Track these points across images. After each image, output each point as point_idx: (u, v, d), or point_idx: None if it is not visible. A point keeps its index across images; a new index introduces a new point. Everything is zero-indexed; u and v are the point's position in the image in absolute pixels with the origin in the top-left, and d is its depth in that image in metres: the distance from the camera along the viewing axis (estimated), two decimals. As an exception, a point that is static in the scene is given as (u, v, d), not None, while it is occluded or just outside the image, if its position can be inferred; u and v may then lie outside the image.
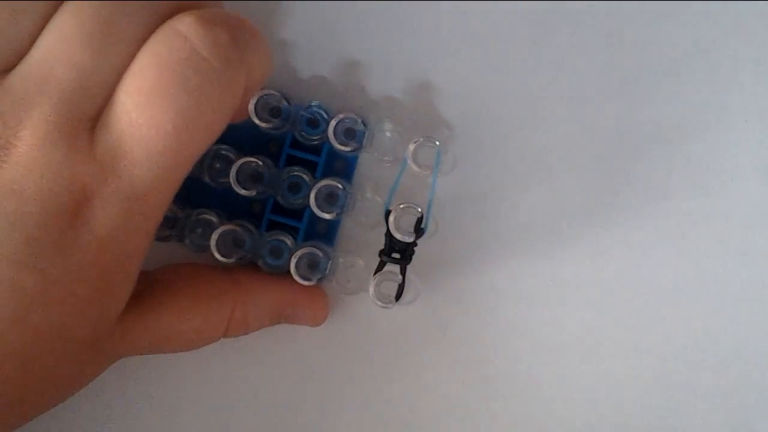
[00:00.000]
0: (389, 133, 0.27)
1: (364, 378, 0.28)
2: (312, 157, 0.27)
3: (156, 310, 0.24)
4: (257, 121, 0.26)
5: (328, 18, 0.28)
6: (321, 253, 0.26)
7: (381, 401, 0.28)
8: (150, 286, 0.24)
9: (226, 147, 0.26)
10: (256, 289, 0.26)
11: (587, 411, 0.28)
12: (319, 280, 0.26)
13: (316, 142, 0.27)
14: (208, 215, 0.27)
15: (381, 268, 0.26)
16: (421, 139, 0.26)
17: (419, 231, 0.25)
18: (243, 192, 0.26)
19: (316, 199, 0.26)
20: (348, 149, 0.26)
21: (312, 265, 0.26)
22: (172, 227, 0.26)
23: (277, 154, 0.27)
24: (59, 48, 0.19)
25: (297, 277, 0.26)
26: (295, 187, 0.26)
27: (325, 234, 0.28)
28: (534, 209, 0.28)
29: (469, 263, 0.28)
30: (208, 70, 0.20)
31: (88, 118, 0.20)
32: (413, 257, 0.26)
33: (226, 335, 0.26)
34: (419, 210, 0.25)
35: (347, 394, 0.28)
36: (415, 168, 0.26)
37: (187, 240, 0.27)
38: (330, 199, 0.26)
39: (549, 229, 0.28)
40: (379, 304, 0.26)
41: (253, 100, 0.26)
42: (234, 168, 0.26)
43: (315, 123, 0.27)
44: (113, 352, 0.23)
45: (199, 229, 0.27)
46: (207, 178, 0.26)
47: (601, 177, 0.28)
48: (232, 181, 0.26)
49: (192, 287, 0.25)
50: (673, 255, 0.28)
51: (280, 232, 0.27)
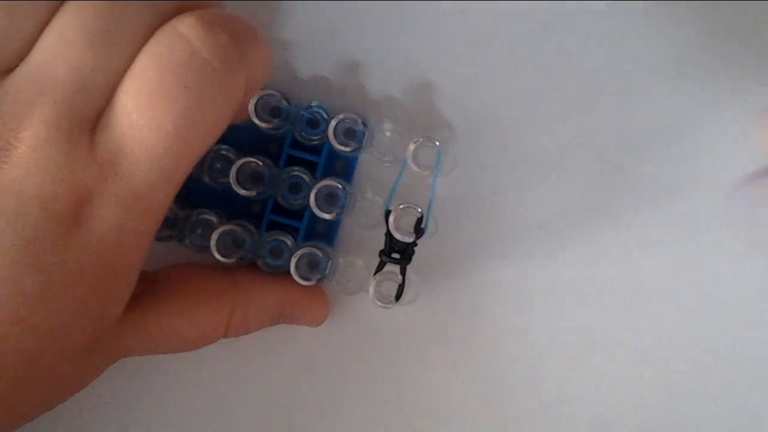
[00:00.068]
0: (389, 133, 0.27)
1: (364, 378, 0.28)
2: (312, 157, 0.27)
3: (156, 310, 0.24)
4: (257, 121, 0.26)
5: (328, 18, 0.28)
6: (321, 253, 0.26)
7: (381, 401, 0.28)
8: (150, 286, 0.24)
9: (226, 147, 0.26)
10: (256, 290, 0.26)
11: (587, 411, 0.28)
12: (319, 280, 0.26)
13: (316, 142, 0.27)
14: (208, 215, 0.27)
15: (381, 268, 0.26)
16: (421, 139, 0.26)
17: (419, 231, 0.25)
18: (243, 192, 0.26)
19: (316, 199, 0.26)
20: (348, 149, 0.26)
21: (312, 265, 0.26)
22: (172, 227, 0.26)
23: (277, 154, 0.27)
24: (60, 49, 0.19)
25: (297, 277, 0.26)
26: (295, 187, 0.26)
27: (325, 234, 0.28)
28: (534, 209, 0.28)
29: (469, 263, 0.28)
30: (208, 71, 0.20)
31: (88, 119, 0.19)
32: (413, 257, 0.26)
33: (226, 335, 0.26)
34: (419, 210, 0.25)
35: (347, 394, 0.28)
36: (415, 168, 0.26)
37: (187, 240, 0.27)
38: (330, 199, 0.26)
39: (549, 230, 0.28)
40: (379, 304, 0.26)
41: (253, 100, 0.25)
42: (234, 168, 0.26)
43: (315, 123, 0.27)
44: (113, 352, 0.23)
45: (199, 229, 0.27)
46: (207, 178, 0.26)
47: (601, 177, 0.28)
48: (232, 181, 0.26)
49: (192, 287, 0.25)
50: (673, 255, 0.28)
51: (280, 232, 0.27)
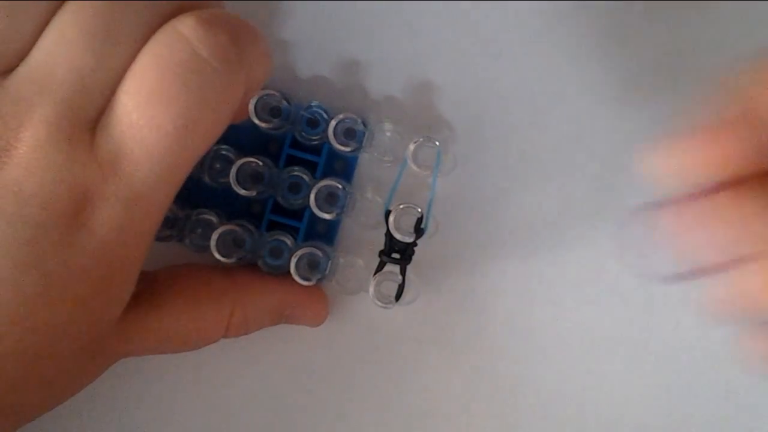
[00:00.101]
0: (389, 133, 0.27)
1: (364, 378, 0.28)
2: (312, 157, 0.27)
3: (156, 310, 0.24)
4: (257, 121, 0.26)
5: (328, 18, 0.28)
6: (321, 253, 0.26)
7: (381, 401, 0.28)
8: (150, 286, 0.24)
9: (226, 147, 0.26)
10: (256, 290, 0.26)
11: (588, 410, 0.28)
12: (319, 280, 0.26)
13: (316, 142, 0.27)
14: (208, 215, 0.27)
15: (381, 268, 0.26)
16: (421, 139, 0.26)
17: (419, 231, 0.25)
18: (243, 192, 0.26)
19: (316, 200, 0.26)
20: (348, 149, 0.26)
21: (312, 265, 0.26)
22: (172, 227, 0.26)
23: (277, 154, 0.27)
24: (60, 49, 0.19)
25: (297, 277, 0.26)
26: (295, 187, 0.26)
27: (325, 234, 0.28)
28: (534, 209, 0.28)
29: (469, 263, 0.28)
30: (208, 71, 0.20)
31: (88, 119, 0.19)
32: (413, 257, 0.26)
33: (226, 335, 0.26)
34: (419, 210, 0.25)
35: (347, 394, 0.28)
36: (415, 168, 0.26)
37: (187, 240, 0.27)
38: (330, 199, 0.26)
39: (549, 229, 0.28)
40: (379, 304, 0.26)
41: (253, 100, 0.25)
42: (234, 168, 0.26)
43: (315, 123, 0.27)
44: (113, 352, 0.23)
45: (199, 229, 0.27)
46: (207, 178, 0.26)
47: (601, 177, 0.28)
48: (232, 181, 0.26)
49: (192, 288, 0.25)
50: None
51: (280, 232, 0.27)
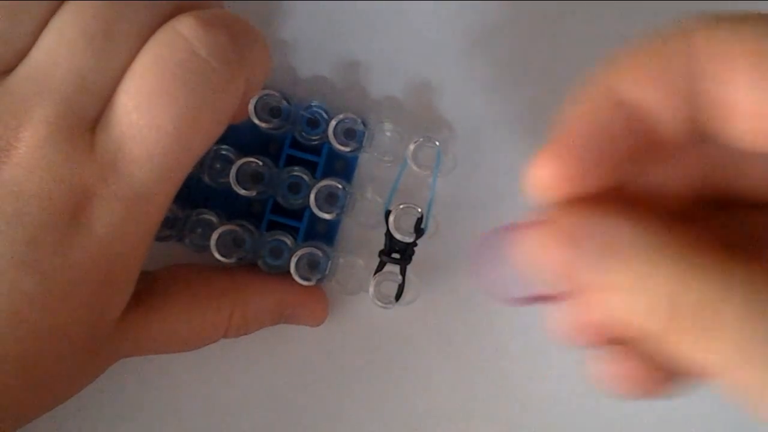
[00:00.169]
0: (389, 133, 0.27)
1: (363, 378, 0.28)
2: (312, 157, 0.27)
3: (156, 310, 0.24)
4: (257, 121, 0.26)
5: (328, 18, 0.28)
6: (321, 253, 0.26)
7: (381, 401, 0.28)
8: (150, 286, 0.24)
9: (226, 147, 0.26)
10: (256, 290, 0.26)
11: (588, 410, 0.28)
12: (319, 280, 0.26)
13: (316, 142, 0.27)
14: (208, 215, 0.27)
15: (381, 268, 0.26)
16: (421, 139, 0.26)
17: (419, 231, 0.25)
18: (243, 192, 0.26)
19: (316, 200, 0.26)
20: (348, 149, 0.26)
21: (312, 265, 0.26)
22: (172, 227, 0.26)
23: (277, 154, 0.27)
24: (60, 49, 0.19)
25: (297, 277, 0.26)
26: (295, 188, 0.26)
27: (325, 234, 0.28)
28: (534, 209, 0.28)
29: (470, 263, 0.28)
30: (208, 71, 0.20)
31: (88, 119, 0.20)
32: (413, 257, 0.26)
33: (226, 335, 0.26)
34: (419, 210, 0.25)
35: (347, 393, 0.28)
36: (415, 168, 0.26)
37: (187, 240, 0.27)
38: (330, 200, 0.26)
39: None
40: (379, 304, 0.26)
41: (253, 100, 0.26)
42: (234, 168, 0.26)
43: (315, 123, 0.27)
44: (113, 352, 0.23)
45: (199, 229, 0.27)
46: (207, 178, 0.26)
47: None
48: (232, 181, 0.26)
49: (192, 288, 0.25)
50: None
51: (280, 232, 0.27)
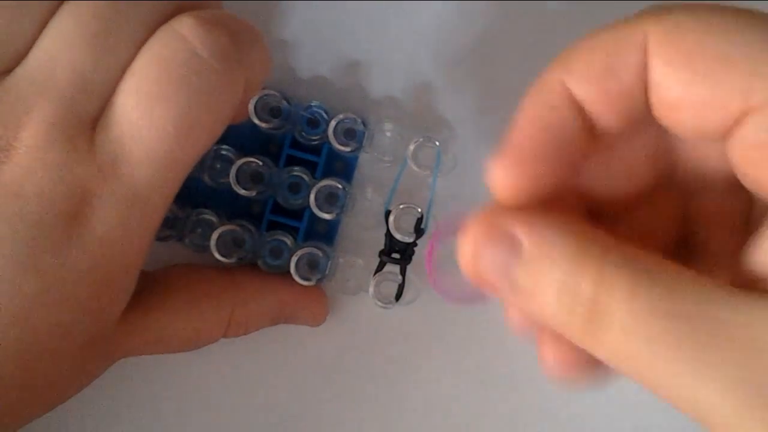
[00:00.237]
0: (389, 133, 0.27)
1: (363, 378, 0.28)
2: (312, 157, 0.27)
3: (156, 310, 0.24)
4: (257, 121, 0.26)
5: (328, 18, 0.28)
6: (321, 253, 0.26)
7: (381, 401, 0.28)
8: (150, 286, 0.24)
9: (226, 147, 0.26)
10: (255, 290, 0.26)
11: (588, 409, 0.28)
12: (319, 280, 0.26)
13: (316, 142, 0.27)
14: (208, 215, 0.27)
15: (381, 268, 0.26)
16: (421, 139, 0.26)
17: (419, 231, 0.26)
18: (243, 192, 0.26)
19: (316, 200, 0.26)
20: (348, 149, 0.26)
21: (312, 265, 0.26)
22: (172, 227, 0.26)
23: (277, 154, 0.27)
24: (59, 49, 0.19)
25: (297, 277, 0.26)
26: (295, 187, 0.26)
27: (325, 234, 0.28)
28: (534, 209, 0.28)
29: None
30: (207, 71, 0.20)
31: (88, 119, 0.20)
32: (413, 257, 0.26)
33: (225, 335, 0.26)
34: (419, 210, 0.25)
35: (347, 393, 0.28)
36: (415, 168, 0.26)
37: (187, 240, 0.27)
38: (330, 199, 0.26)
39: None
40: (379, 304, 0.26)
41: (253, 100, 0.26)
42: (234, 168, 0.26)
43: (315, 123, 0.27)
44: (113, 352, 0.23)
45: (199, 229, 0.27)
46: (207, 178, 0.26)
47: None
48: (232, 181, 0.26)
49: (192, 288, 0.25)
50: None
51: (280, 232, 0.27)
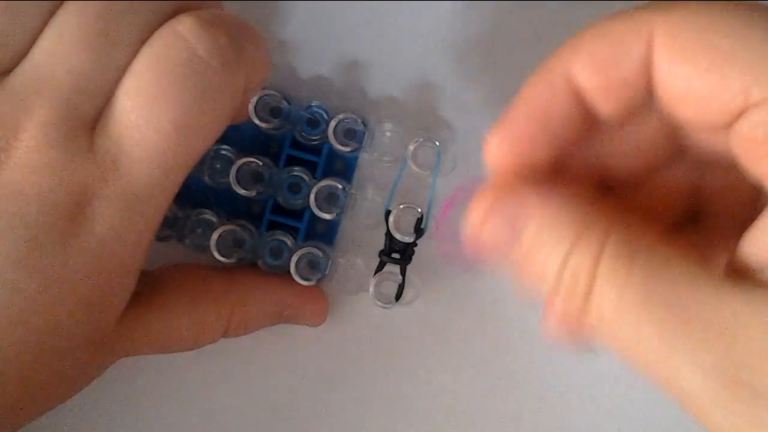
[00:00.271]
0: (389, 133, 0.27)
1: (363, 378, 0.28)
2: (312, 158, 0.27)
3: (156, 310, 0.24)
4: (257, 121, 0.26)
5: (328, 18, 0.28)
6: (321, 253, 0.26)
7: (381, 401, 0.28)
8: (150, 286, 0.24)
9: (226, 147, 0.26)
10: (256, 290, 0.26)
11: (589, 409, 0.28)
12: (319, 280, 0.26)
13: (316, 142, 0.27)
14: (208, 215, 0.27)
15: (381, 268, 0.26)
16: (421, 139, 0.26)
17: (419, 231, 0.26)
18: (243, 192, 0.26)
19: (316, 200, 0.26)
20: (348, 149, 0.26)
21: (312, 265, 0.26)
22: (172, 227, 0.26)
23: (277, 154, 0.27)
24: (59, 49, 0.19)
25: (297, 277, 0.26)
26: (295, 188, 0.26)
27: (325, 234, 0.28)
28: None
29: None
30: (207, 71, 0.20)
31: (88, 119, 0.20)
32: (413, 257, 0.26)
33: (225, 335, 0.26)
34: (419, 210, 0.25)
35: (347, 393, 0.28)
36: (415, 168, 0.26)
37: (187, 240, 0.27)
38: (330, 200, 0.26)
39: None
40: (379, 304, 0.26)
41: (253, 100, 0.26)
42: (234, 168, 0.26)
43: (315, 123, 0.27)
44: (113, 352, 0.23)
45: (199, 229, 0.27)
46: (207, 178, 0.26)
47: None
48: (232, 181, 0.26)
49: (192, 288, 0.25)
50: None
51: (280, 232, 0.27)
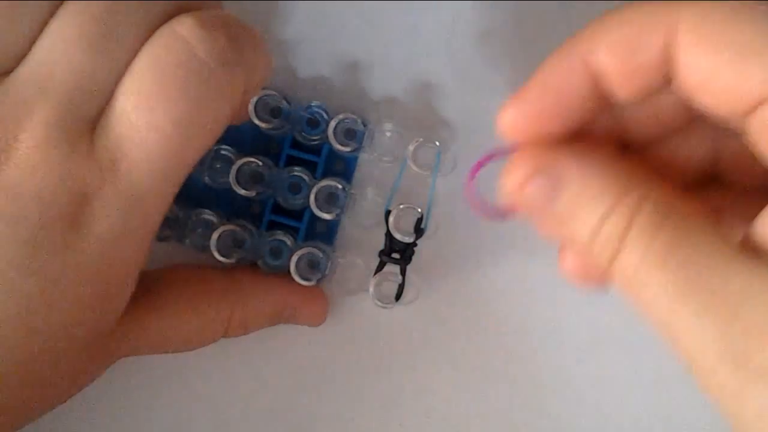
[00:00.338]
0: (389, 133, 0.27)
1: (364, 378, 0.28)
2: (312, 158, 0.27)
3: (156, 311, 0.24)
4: (257, 122, 0.26)
5: (328, 18, 0.28)
6: (321, 253, 0.26)
7: (381, 401, 0.28)
8: (150, 286, 0.24)
9: (226, 147, 0.26)
10: (255, 290, 0.26)
11: (588, 409, 0.28)
12: (319, 280, 0.26)
13: (316, 142, 0.27)
14: (208, 215, 0.27)
15: (381, 268, 0.26)
16: (421, 139, 0.26)
17: (419, 231, 0.26)
18: (243, 192, 0.26)
19: (316, 200, 0.26)
20: (348, 149, 0.26)
21: (312, 265, 0.26)
22: (172, 227, 0.26)
23: (277, 154, 0.27)
24: (59, 50, 0.19)
25: (297, 277, 0.26)
26: (295, 188, 0.27)
27: (325, 234, 0.28)
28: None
29: (469, 263, 0.28)
30: (206, 72, 0.20)
31: (87, 120, 0.20)
32: (413, 257, 0.26)
33: (225, 335, 0.26)
34: (419, 210, 0.25)
35: (347, 393, 0.28)
36: (415, 168, 0.26)
37: (187, 240, 0.27)
38: (330, 200, 0.26)
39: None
40: (379, 304, 0.26)
41: (253, 100, 0.26)
42: (234, 168, 0.26)
43: (315, 123, 0.27)
44: (113, 352, 0.23)
45: (199, 229, 0.27)
46: (207, 178, 0.26)
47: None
48: (232, 182, 0.26)
49: (192, 288, 0.25)
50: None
51: (280, 232, 0.27)
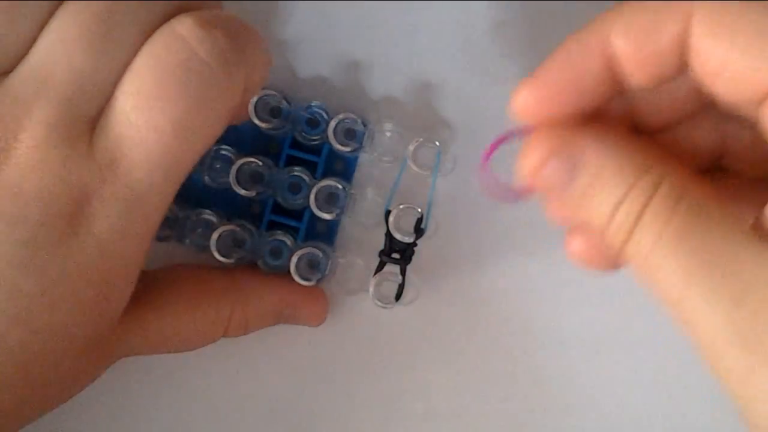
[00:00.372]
0: (389, 133, 0.27)
1: (364, 378, 0.28)
2: (312, 158, 0.27)
3: (156, 310, 0.24)
4: (257, 122, 0.26)
5: (328, 18, 0.28)
6: (321, 253, 0.26)
7: (380, 401, 0.28)
8: (150, 286, 0.24)
9: (226, 147, 0.26)
10: (255, 290, 0.26)
11: (589, 410, 0.28)
12: (319, 280, 0.26)
13: (316, 142, 0.27)
14: (208, 215, 0.27)
15: (381, 268, 0.26)
16: (421, 139, 0.26)
17: (419, 231, 0.26)
18: (243, 192, 0.26)
19: (316, 200, 0.26)
20: (348, 149, 0.26)
21: (312, 265, 0.26)
22: (172, 227, 0.26)
23: (277, 154, 0.27)
24: (58, 50, 0.19)
25: (297, 277, 0.26)
26: (295, 188, 0.26)
27: (325, 234, 0.28)
28: (534, 208, 0.28)
29: (469, 263, 0.28)
30: (206, 72, 0.20)
31: (87, 119, 0.20)
32: (413, 257, 0.26)
33: (225, 335, 0.26)
34: (419, 210, 0.25)
35: (347, 393, 0.28)
36: (415, 168, 0.26)
37: (187, 240, 0.27)
38: (330, 200, 0.26)
39: (549, 229, 0.28)
40: (379, 304, 0.26)
41: (253, 100, 0.26)
42: (234, 168, 0.26)
43: (315, 123, 0.27)
44: (113, 352, 0.23)
45: (199, 229, 0.27)
46: (207, 178, 0.26)
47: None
48: (232, 181, 0.26)
49: (192, 288, 0.25)
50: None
51: (280, 232, 0.27)
